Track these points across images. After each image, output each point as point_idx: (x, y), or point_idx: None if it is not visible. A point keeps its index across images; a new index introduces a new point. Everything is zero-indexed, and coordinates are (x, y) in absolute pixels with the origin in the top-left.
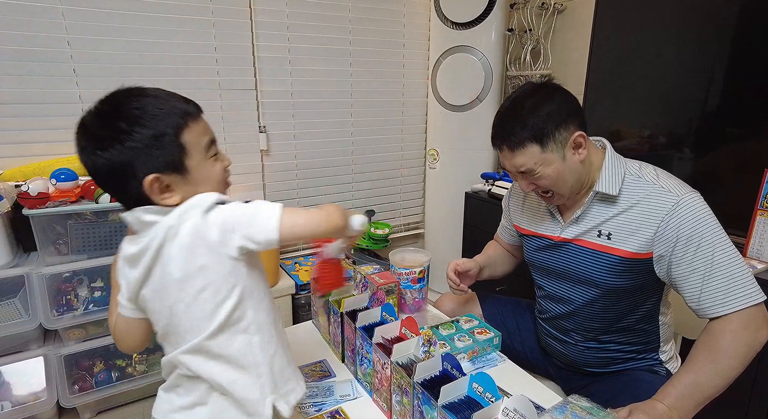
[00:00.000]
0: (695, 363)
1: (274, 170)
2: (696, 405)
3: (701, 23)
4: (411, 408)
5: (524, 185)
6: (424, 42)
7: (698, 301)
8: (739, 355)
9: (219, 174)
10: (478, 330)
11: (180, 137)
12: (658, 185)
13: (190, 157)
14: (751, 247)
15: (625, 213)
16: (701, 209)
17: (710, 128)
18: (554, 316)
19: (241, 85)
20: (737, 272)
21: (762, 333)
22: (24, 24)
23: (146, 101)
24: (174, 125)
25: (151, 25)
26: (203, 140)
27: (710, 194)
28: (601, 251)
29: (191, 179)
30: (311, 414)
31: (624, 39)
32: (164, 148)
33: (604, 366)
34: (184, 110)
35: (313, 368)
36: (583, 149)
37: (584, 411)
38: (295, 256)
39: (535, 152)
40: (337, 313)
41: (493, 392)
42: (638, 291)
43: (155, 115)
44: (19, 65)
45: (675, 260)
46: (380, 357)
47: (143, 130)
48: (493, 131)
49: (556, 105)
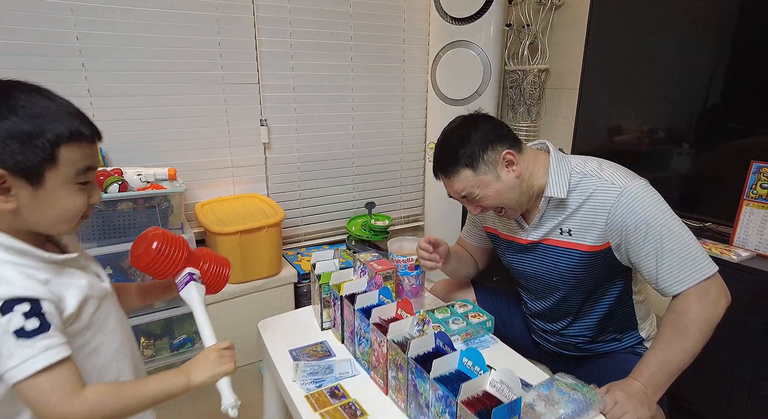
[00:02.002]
0: (662, 342)
1: (276, 163)
2: (668, 378)
3: (696, 17)
4: (405, 382)
5: (471, 209)
6: (424, 37)
7: (656, 282)
8: (702, 329)
9: (77, 206)
10: (472, 314)
11: (55, 148)
12: (602, 179)
13: (55, 172)
14: (737, 236)
15: (578, 211)
16: (644, 195)
17: (705, 122)
18: (538, 311)
19: (244, 79)
20: (687, 250)
21: (720, 303)
22: (33, 20)
23: (38, 98)
24: (56, 133)
25: (157, 21)
26: (80, 163)
27: (703, 187)
28: (566, 248)
29: (40, 195)
30: (312, 390)
31: (619, 34)
32: (29, 149)
33: (588, 349)
34: (74, 127)
35: (314, 348)
36: (516, 165)
37: (569, 387)
38: (297, 247)
39: (468, 176)
40: (337, 297)
41: (481, 366)
42: (607, 278)
43: (42, 114)
44: (27, 60)
45: (629, 247)
46: (377, 336)
47: (19, 121)
48: (433, 163)
49: (481, 132)
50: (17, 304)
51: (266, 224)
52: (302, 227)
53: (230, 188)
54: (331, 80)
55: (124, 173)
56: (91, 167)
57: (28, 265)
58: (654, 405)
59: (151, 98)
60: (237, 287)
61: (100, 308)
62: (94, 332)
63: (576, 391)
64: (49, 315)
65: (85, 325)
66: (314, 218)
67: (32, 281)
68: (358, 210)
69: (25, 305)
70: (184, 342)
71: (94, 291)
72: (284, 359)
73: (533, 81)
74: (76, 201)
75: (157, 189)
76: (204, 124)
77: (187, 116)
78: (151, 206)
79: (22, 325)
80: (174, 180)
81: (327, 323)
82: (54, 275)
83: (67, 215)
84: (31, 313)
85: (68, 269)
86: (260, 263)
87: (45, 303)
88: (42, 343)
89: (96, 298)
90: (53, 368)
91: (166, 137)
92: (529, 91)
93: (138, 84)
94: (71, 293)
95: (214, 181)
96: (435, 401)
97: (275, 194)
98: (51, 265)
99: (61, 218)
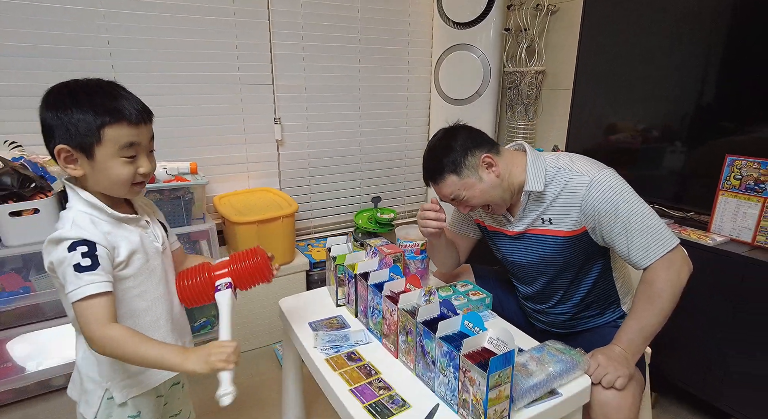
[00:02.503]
0: (637, 311)
1: (288, 159)
2: (643, 341)
3: (684, 20)
4: (414, 344)
5: (461, 209)
6: (428, 40)
7: (629, 257)
8: (669, 295)
9: (123, 175)
10: (472, 292)
11: (101, 129)
12: (574, 171)
13: (102, 148)
14: (714, 223)
15: (555, 201)
16: (612, 183)
17: (690, 121)
18: (528, 294)
19: (259, 80)
20: (652, 228)
21: (683, 271)
22: (67, 25)
23: (99, 92)
24: (100, 117)
25: (181, 26)
26: (122, 140)
27: (687, 180)
28: (548, 235)
29: (96, 165)
30: (331, 355)
31: (610, 37)
32: (82, 131)
33: (574, 325)
34: (122, 111)
35: (331, 321)
36: (495, 166)
37: (558, 351)
38: (307, 238)
39: (454, 180)
40: (352, 275)
41: (480, 327)
42: (588, 259)
43: (94, 104)
44: (66, 62)
45: (602, 229)
46: (389, 306)
47: (75, 110)
48: (423, 173)
49: (461, 140)
50: (80, 245)
51: (281, 215)
52: (312, 220)
53: (245, 183)
54: (340, 81)
55: None
56: (132, 143)
57: (97, 216)
58: (633, 366)
59: (174, 97)
60: None
61: (149, 261)
62: (140, 280)
63: (564, 354)
64: (101, 258)
65: (134, 272)
66: (323, 211)
67: (96, 229)
68: (365, 204)
69: (85, 247)
70: (204, 324)
71: (144, 247)
72: (305, 330)
73: (530, 82)
74: (122, 171)
75: (181, 182)
76: (222, 122)
77: (207, 115)
78: (176, 197)
79: (79, 261)
80: (195, 174)
81: (342, 300)
82: (114, 228)
83: (118, 181)
84: (87, 253)
85: (127, 225)
86: (275, 251)
87: (99, 248)
88: (89, 278)
89: (145, 253)
90: (92, 298)
91: (187, 134)
92: (526, 91)
93: (162, 84)
94: (124, 244)
95: (231, 175)
96: (440, 357)
97: (287, 189)
98: (113, 219)
99: (113, 183)
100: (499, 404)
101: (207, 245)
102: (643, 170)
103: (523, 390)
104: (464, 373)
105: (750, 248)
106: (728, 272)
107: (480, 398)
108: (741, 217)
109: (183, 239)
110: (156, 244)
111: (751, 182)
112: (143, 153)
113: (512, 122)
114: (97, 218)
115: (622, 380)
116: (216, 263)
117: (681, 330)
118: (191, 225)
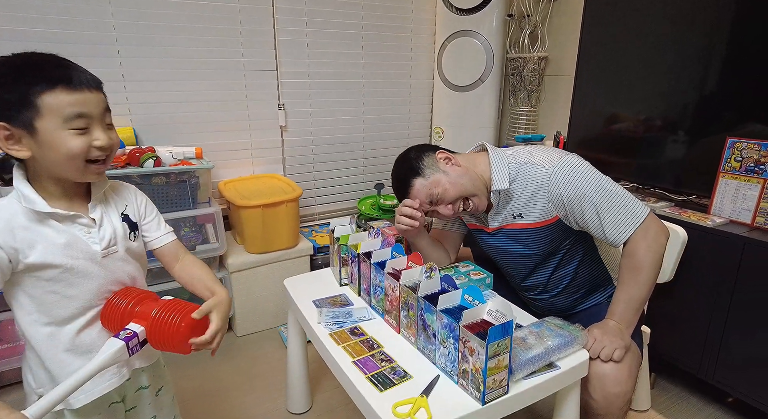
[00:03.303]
0: (623, 283)
1: (292, 145)
2: (635, 312)
3: (690, 6)
4: (415, 318)
5: (444, 210)
6: (431, 27)
7: (605, 236)
8: (651, 263)
9: (75, 148)
10: (473, 272)
11: (36, 98)
12: (534, 164)
13: (43, 120)
14: (714, 205)
15: (521, 196)
16: (573, 167)
17: (693, 107)
18: (519, 285)
19: (264, 66)
20: (620, 203)
21: (661, 236)
22: (72, 10)
23: (35, 63)
24: (34, 85)
25: (186, 12)
26: (65, 110)
27: (689, 164)
28: (521, 228)
29: (41, 141)
30: (335, 330)
31: (613, 22)
32: (16, 103)
33: (572, 307)
34: (58, 76)
35: (335, 299)
36: (453, 159)
37: (557, 326)
38: (311, 225)
39: (421, 182)
40: (355, 255)
41: (480, 300)
42: (570, 244)
43: (26, 74)
44: (71, 47)
45: (574, 214)
46: (391, 283)
47: (8, 82)
48: (395, 195)
49: (412, 153)
50: None
51: (285, 200)
52: (316, 207)
53: (250, 169)
54: (344, 68)
55: (157, 151)
56: (80, 113)
57: (23, 209)
58: (628, 338)
59: (179, 83)
60: (259, 257)
61: (75, 267)
62: (60, 286)
63: (562, 329)
64: None
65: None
66: (327, 197)
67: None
68: (368, 191)
69: None
70: None
71: (66, 249)
72: (309, 307)
73: (533, 68)
74: (73, 144)
75: (187, 165)
76: (226, 107)
77: (212, 100)
78: (182, 180)
79: None
80: (201, 159)
81: (345, 279)
82: (34, 223)
83: (70, 156)
84: None
85: (53, 224)
86: (280, 235)
87: None
88: None
89: (66, 255)
90: None
91: (192, 119)
92: (529, 77)
93: (167, 70)
94: (42, 244)
95: (236, 161)
96: (441, 329)
97: (291, 175)
98: (37, 214)
99: (65, 160)
100: (498, 373)
101: (213, 229)
102: (645, 156)
103: (521, 362)
104: (464, 344)
105: (749, 229)
106: (727, 253)
107: (479, 367)
108: (741, 199)
109: (189, 222)
110: (93, 247)
111: (751, 164)
112: (97, 125)
113: (515, 109)
114: (22, 210)
115: (619, 352)
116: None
117: (679, 310)
118: (197, 209)
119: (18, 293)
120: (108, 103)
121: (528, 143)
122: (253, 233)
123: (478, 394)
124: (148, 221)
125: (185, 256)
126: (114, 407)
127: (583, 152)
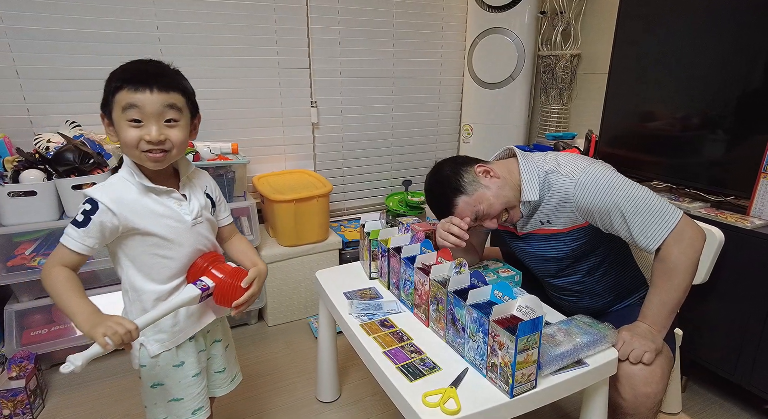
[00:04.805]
0: (656, 287)
1: (323, 142)
2: (668, 316)
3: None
4: (445, 312)
5: (490, 224)
6: (462, 24)
7: (635, 243)
8: (686, 268)
9: (128, 138)
10: (503, 269)
11: (114, 94)
12: (560, 174)
13: (114, 112)
14: (754, 207)
15: (548, 204)
16: (598, 178)
17: (732, 106)
18: (549, 284)
19: (297, 64)
20: (649, 209)
21: (697, 242)
22: (121, 11)
23: (127, 65)
24: (114, 82)
25: (224, 11)
26: (122, 102)
27: (727, 164)
28: (549, 233)
29: (116, 130)
30: (365, 321)
31: (649, 19)
32: (106, 95)
33: (602, 310)
34: (128, 78)
35: (365, 291)
36: (492, 171)
37: (586, 324)
38: (340, 220)
39: (465, 200)
40: (385, 250)
41: (510, 296)
42: (599, 247)
43: (116, 74)
44: (118, 47)
45: (601, 223)
46: (421, 277)
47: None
48: (435, 215)
49: (448, 168)
50: (87, 202)
51: (317, 194)
52: (345, 202)
53: (283, 164)
54: (375, 65)
55: (195, 146)
56: (132, 104)
57: (131, 182)
58: (660, 341)
59: (217, 81)
60: (290, 249)
61: (171, 232)
62: (163, 244)
63: (591, 328)
64: (93, 221)
65: (159, 238)
66: (356, 193)
67: (116, 193)
68: (396, 188)
69: (89, 205)
70: None
71: (165, 219)
72: (341, 298)
73: (565, 66)
74: (127, 134)
75: (224, 160)
76: (261, 104)
77: (247, 97)
78: (219, 174)
79: (77, 216)
80: (236, 154)
81: (374, 273)
82: (141, 196)
83: (125, 144)
84: (87, 212)
85: (154, 196)
86: (311, 229)
87: (102, 212)
88: (74, 233)
89: (165, 225)
90: (64, 247)
91: (228, 116)
92: (561, 75)
93: (206, 68)
94: (145, 212)
95: (269, 157)
96: (470, 323)
97: (321, 171)
98: (141, 188)
99: (125, 147)
100: (526, 368)
101: (247, 222)
102: (680, 155)
103: (550, 358)
104: (493, 338)
105: None
106: (766, 255)
107: (508, 361)
108: None
109: None
110: (186, 217)
111: None
112: (151, 120)
113: (546, 107)
114: (131, 183)
115: (649, 354)
116: (233, 267)
117: (714, 312)
118: (233, 202)
119: (130, 256)
120: (177, 105)
121: (559, 140)
122: (285, 227)
123: (506, 387)
124: (219, 203)
125: (236, 234)
126: (201, 355)
127: (615, 150)
